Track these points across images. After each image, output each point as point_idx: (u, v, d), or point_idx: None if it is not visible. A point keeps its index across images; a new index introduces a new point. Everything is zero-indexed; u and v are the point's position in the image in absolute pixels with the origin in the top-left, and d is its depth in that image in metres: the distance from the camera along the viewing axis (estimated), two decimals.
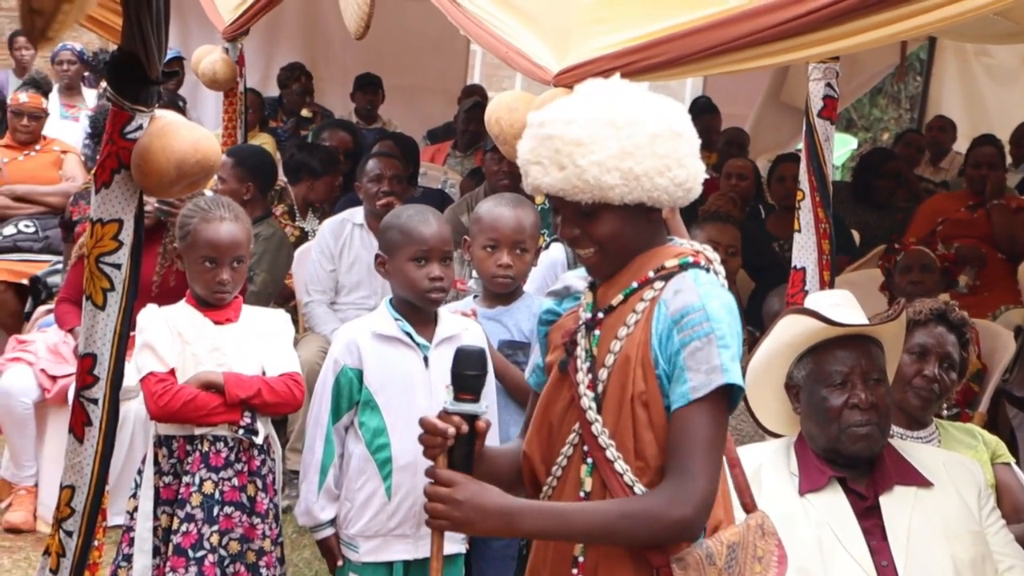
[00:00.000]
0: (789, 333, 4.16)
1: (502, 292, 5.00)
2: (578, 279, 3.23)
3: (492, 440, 4.51)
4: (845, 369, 4.05)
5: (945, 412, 5.79)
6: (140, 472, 4.78)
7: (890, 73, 13.86)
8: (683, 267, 3.01)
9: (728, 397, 2.92)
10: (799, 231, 4.96)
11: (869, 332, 4.13)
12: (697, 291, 2.94)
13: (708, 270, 3.04)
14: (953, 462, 4.23)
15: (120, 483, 6.09)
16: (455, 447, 3.01)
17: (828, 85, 4.92)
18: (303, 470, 4.62)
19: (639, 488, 2.94)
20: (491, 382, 4.69)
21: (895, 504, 4.01)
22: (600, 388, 3.01)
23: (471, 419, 3.02)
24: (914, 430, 4.65)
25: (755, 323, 7.04)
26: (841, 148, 16.44)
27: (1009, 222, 8.59)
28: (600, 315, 3.06)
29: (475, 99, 11.71)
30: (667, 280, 3.00)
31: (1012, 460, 4.77)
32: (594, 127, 2.91)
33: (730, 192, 9.40)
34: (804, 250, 4.94)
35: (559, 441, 3.09)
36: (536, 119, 3.00)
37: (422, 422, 3.02)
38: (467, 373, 3.04)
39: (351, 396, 4.51)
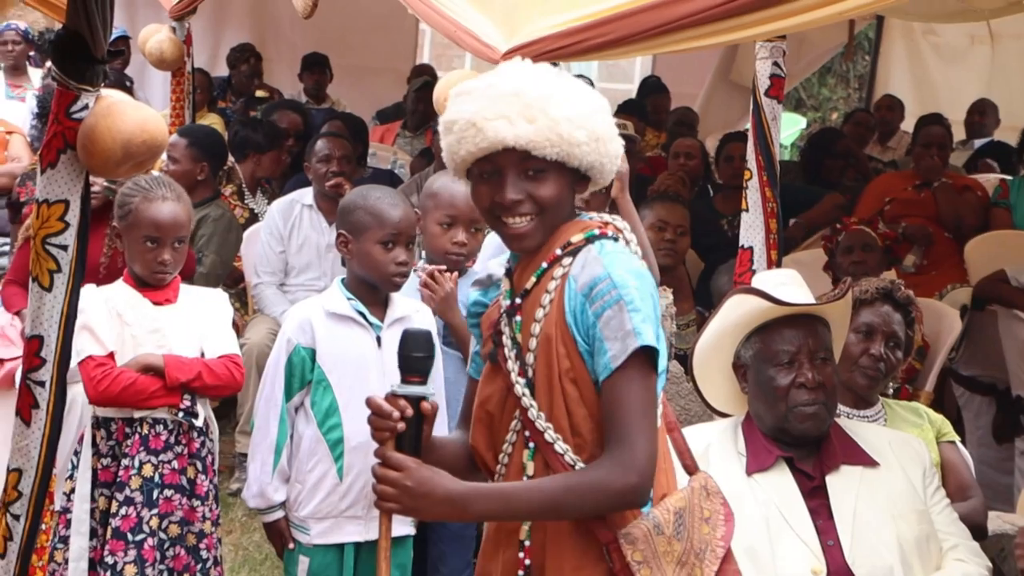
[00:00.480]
0: (736, 312, 4.17)
1: (453, 269, 5.00)
2: (501, 267, 3.22)
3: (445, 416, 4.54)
4: (792, 348, 4.07)
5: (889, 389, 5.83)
6: (77, 453, 4.74)
7: (839, 52, 13.92)
8: (589, 240, 3.02)
9: (650, 359, 2.92)
10: (747, 210, 4.97)
11: (815, 311, 4.15)
12: (601, 261, 2.94)
13: (617, 239, 3.05)
14: (899, 441, 4.25)
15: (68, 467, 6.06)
16: (404, 431, 2.99)
17: (775, 64, 4.93)
18: (252, 451, 4.59)
19: (581, 466, 2.95)
20: (439, 364, 4.69)
21: (841, 484, 4.03)
22: (530, 373, 3.01)
23: (417, 401, 3.00)
24: (860, 409, 4.68)
25: (704, 302, 7.07)
26: (790, 127, 16.51)
27: (955, 202, 8.64)
28: (518, 301, 3.07)
29: (424, 79, 11.68)
30: (574, 255, 3.00)
31: (957, 438, 4.79)
32: (560, 83, 2.96)
33: (678, 172, 9.43)
34: (752, 229, 4.95)
35: (502, 430, 3.09)
36: (477, 83, 2.99)
37: (369, 402, 3.01)
38: (414, 355, 3.03)
39: (303, 375, 4.50)
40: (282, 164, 9.14)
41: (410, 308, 4.65)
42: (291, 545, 4.58)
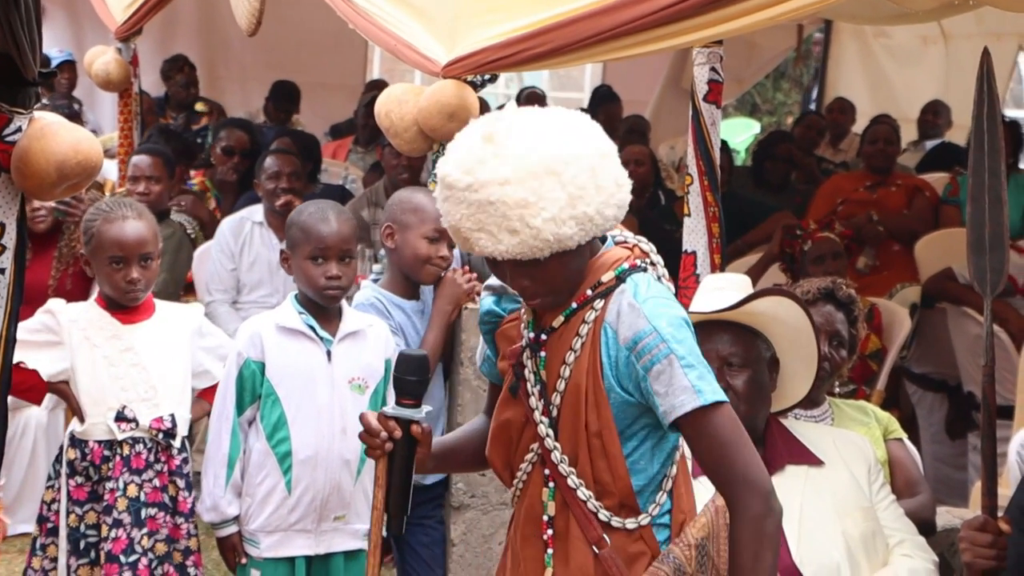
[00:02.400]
0: None
1: (430, 283, 5.01)
2: None
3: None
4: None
5: (839, 389, 5.83)
6: (59, 460, 4.73)
7: (790, 57, 13.99)
8: (619, 277, 2.94)
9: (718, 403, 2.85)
10: (689, 215, 4.97)
11: (728, 317, 4.10)
12: (643, 312, 2.86)
13: (646, 268, 2.99)
14: (843, 439, 4.27)
15: (24, 493, 6.04)
16: (394, 451, 2.99)
17: (712, 69, 4.93)
18: (205, 466, 4.61)
19: (604, 514, 2.95)
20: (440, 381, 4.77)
21: (787, 483, 4.00)
22: (554, 412, 2.97)
23: (407, 424, 2.98)
24: (807, 409, 4.66)
25: None
26: (745, 132, 16.60)
27: (900, 222, 8.63)
28: (543, 336, 3.00)
29: (374, 94, 11.59)
30: (605, 297, 2.94)
31: (904, 435, 4.80)
32: (535, 181, 2.75)
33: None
34: (694, 234, 4.94)
35: (520, 453, 3.07)
36: (462, 180, 2.79)
37: (362, 418, 3.00)
38: (407, 378, 3.01)
39: (254, 389, 4.54)
40: (184, 180, 9.07)
41: (363, 323, 4.67)
42: (243, 559, 4.61)
